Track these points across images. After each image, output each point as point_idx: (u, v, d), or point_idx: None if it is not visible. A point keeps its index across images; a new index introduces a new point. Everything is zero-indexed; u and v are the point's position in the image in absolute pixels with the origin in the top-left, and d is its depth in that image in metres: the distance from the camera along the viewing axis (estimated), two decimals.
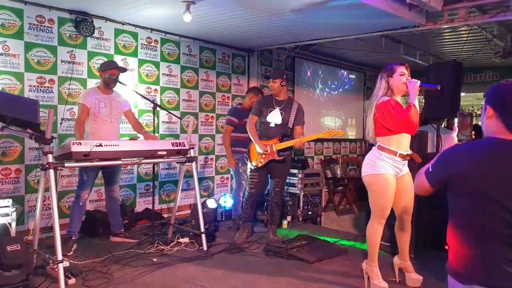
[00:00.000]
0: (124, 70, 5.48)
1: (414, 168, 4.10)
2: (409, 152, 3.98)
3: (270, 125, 5.48)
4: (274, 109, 5.49)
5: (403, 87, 3.91)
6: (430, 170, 2.12)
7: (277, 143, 5.39)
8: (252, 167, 5.52)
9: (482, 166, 1.89)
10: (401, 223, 4.14)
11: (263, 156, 5.39)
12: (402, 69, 3.94)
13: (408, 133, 3.92)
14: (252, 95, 6.49)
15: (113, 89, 5.38)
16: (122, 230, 5.54)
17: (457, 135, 2.21)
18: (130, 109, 5.57)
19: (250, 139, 5.54)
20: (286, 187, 7.36)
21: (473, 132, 5.06)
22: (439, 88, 4.14)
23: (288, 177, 7.32)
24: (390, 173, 3.91)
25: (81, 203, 5.15)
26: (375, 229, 4.03)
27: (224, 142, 6.52)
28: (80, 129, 5.08)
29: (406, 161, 4.00)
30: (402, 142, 3.92)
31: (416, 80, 3.89)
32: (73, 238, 5.12)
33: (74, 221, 5.19)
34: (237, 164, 6.36)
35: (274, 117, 5.48)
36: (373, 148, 4.03)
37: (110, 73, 5.20)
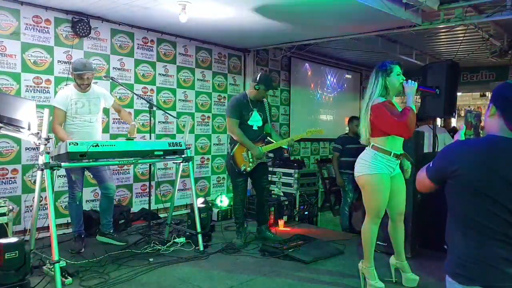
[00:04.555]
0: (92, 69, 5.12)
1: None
2: (402, 151, 4.00)
3: (253, 128, 5.44)
4: (253, 111, 5.44)
5: (400, 87, 3.90)
6: (431, 165, 2.14)
7: (263, 145, 5.42)
8: (240, 172, 5.42)
9: (481, 163, 1.90)
10: (394, 223, 4.15)
11: (251, 160, 5.38)
12: (398, 69, 3.91)
13: (402, 137, 3.89)
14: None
15: (92, 84, 5.21)
16: (111, 231, 5.46)
17: (465, 134, 2.23)
18: (114, 101, 5.46)
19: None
20: (283, 187, 7.41)
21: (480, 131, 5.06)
22: (437, 92, 4.08)
23: (284, 177, 7.38)
24: (384, 173, 3.91)
25: (77, 202, 5.14)
26: (371, 229, 4.02)
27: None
28: (58, 132, 4.92)
29: (399, 161, 4.01)
30: (396, 143, 3.92)
31: (414, 82, 3.85)
32: (82, 236, 5.17)
33: (77, 220, 5.19)
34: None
35: (255, 120, 5.45)
36: (367, 148, 4.01)
37: (76, 77, 5.04)
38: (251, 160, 5.38)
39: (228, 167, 5.57)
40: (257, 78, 5.43)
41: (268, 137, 5.58)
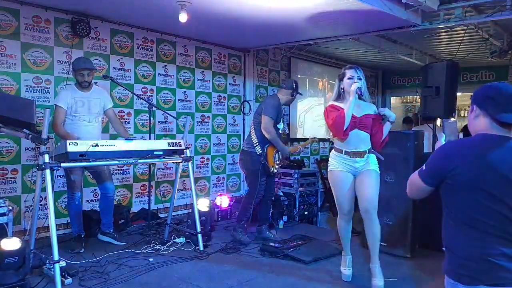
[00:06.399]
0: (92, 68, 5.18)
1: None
2: (361, 150, 4.02)
3: (279, 132, 5.61)
4: (283, 115, 5.71)
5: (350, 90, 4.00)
6: (424, 168, 2.14)
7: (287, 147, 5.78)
8: (269, 172, 5.51)
9: (479, 161, 1.93)
10: (364, 221, 4.13)
11: (277, 162, 5.59)
12: (350, 73, 4.04)
13: (336, 137, 4.04)
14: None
15: (93, 84, 5.23)
16: (111, 231, 5.45)
17: (445, 140, 2.28)
18: (111, 108, 5.40)
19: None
20: (283, 187, 7.41)
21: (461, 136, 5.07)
22: (359, 94, 4.02)
23: (284, 177, 7.40)
24: (340, 170, 4.08)
25: (77, 202, 5.14)
26: (339, 223, 4.30)
27: None
28: (59, 130, 4.95)
29: (360, 158, 4.04)
30: (350, 141, 4.01)
31: (355, 85, 3.91)
32: (82, 236, 5.16)
33: (76, 220, 5.19)
34: None
35: (282, 124, 5.65)
36: None
37: (76, 75, 5.07)
38: (277, 162, 5.59)
39: (253, 165, 5.48)
40: (294, 86, 5.67)
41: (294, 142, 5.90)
